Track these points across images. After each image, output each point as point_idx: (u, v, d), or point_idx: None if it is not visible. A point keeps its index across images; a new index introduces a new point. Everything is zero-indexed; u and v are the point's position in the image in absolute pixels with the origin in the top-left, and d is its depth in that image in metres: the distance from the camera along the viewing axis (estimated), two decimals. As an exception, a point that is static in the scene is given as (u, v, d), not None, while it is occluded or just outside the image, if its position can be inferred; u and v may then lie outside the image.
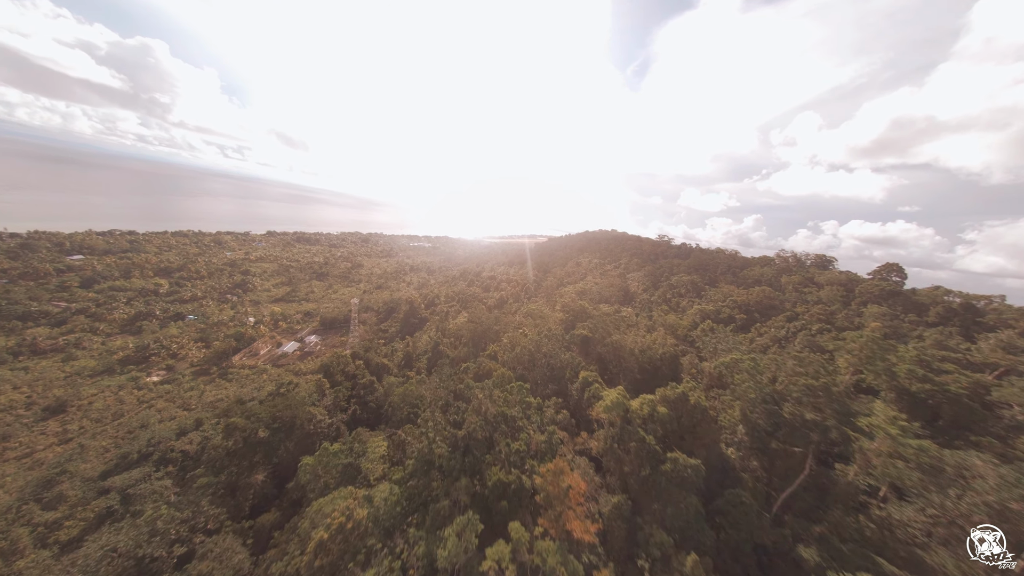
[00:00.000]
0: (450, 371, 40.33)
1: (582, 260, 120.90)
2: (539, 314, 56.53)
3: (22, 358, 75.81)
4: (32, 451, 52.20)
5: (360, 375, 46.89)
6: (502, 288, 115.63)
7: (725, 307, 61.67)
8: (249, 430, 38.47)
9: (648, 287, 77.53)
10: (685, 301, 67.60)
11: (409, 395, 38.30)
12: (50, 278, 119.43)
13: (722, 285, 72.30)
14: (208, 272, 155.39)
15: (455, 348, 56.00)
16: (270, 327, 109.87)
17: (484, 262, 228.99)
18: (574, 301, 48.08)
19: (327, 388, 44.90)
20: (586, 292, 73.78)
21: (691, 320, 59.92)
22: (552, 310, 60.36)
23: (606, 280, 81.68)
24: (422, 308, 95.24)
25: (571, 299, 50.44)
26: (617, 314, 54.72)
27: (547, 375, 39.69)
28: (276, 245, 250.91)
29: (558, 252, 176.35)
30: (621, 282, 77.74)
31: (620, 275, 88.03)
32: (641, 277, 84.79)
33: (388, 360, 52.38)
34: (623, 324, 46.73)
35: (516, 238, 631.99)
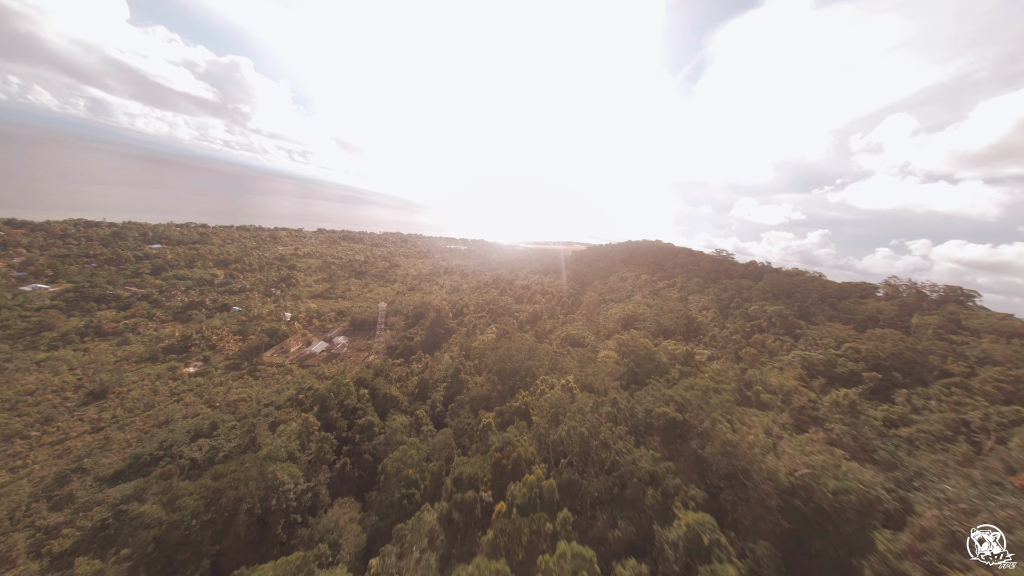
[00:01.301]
0: (467, 419, 32.63)
1: (627, 275, 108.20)
2: (580, 340, 47.04)
3: (87, 339, 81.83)
4: (66, 437, 53.32)
5: (361, 409, 40.88)
6: (536, 300, 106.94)
7: (842, 358, 44.24)
8: (167, 523, 27.87)
9: (717, 316, 63.10)
10: (771, 339, 52.57)
11: (407, 462, 30.12)
12: (129, 265, 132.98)
13: (820, 319, 55.92)
14: (259, 265, 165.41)
15: (477, 376, 48.65)
16: (304, 323, 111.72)
17: (518, 269, 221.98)
18: (632, 338, 37.37)
19: (315, 430, 37.68)
20: (638, 317, 61.63)
21: (797, 376, 43.27)
22: (596, 337, 50.52)
23: (662, 303, 68.58)
24: (449, 318, 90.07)
25: (628, 336, 39.42)
26: (693, 361, 40.20)
27: (610, 489, 23.66)
28: (324, 242, 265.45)
29: (597, 263, 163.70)
30: (682, 307, 64.30)
31: (681, 299, 73.98)
32: (706, 302, 70.19)
33: (399, 389, 45.68)
34: (726, 401, 29.77)
35: (551, 244, 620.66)
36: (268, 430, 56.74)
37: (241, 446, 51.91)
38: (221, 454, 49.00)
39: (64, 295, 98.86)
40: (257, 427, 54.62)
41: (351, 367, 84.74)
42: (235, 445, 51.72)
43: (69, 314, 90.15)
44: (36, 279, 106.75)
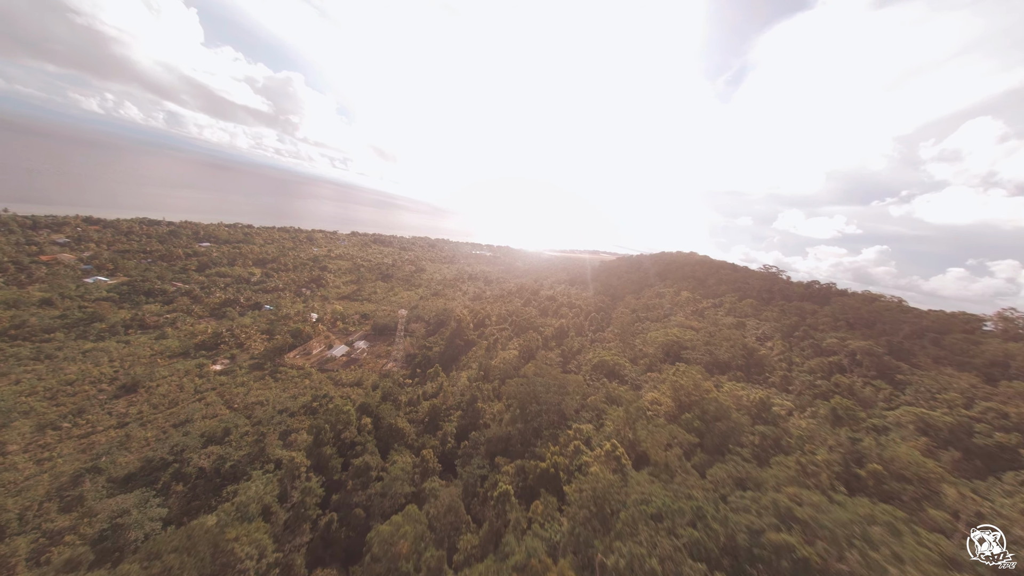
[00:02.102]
0: (480, 468, 27.19)
1: (664, 290, 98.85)
2: (616, 369, 40.07)
3: (131, 331, 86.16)
4: (92, 431, 54.26)
5: (360, 444, 36.60)
6: (562, 313, 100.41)
7: (981, 423, 32.04)
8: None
9: (784, 349, 52.35)
10: (859, 382, 41.88)
11: (395, 539, 24.22)
12: (179, 261, 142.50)
13: (923, 361, 43.65)
14: (293, 265, 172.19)
15: (495, 403, 43.33)
16: (328, 325, 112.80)
17: (543, 278, 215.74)
18: (692, 383, 29.41)
19: (301, 473, 33.03)
20: (683, 344, 52.72)
21: (921, 447, 30.42)
22: (635, 367, 43.11)
23: (711, 328, 58.75)
24: (470, 328, 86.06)
25: (683, 375, 31.24)
26: (771, 414, 30.33)
27: None
28: (356, 244, 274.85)
29: (629, 275, 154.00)
30: (738, 336, 54.10)
31: (736, 324, 63.66)
32: (766, 330, 59.45)
33: (407, 418, 40.62)
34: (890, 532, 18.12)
35: (577, 253, 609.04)
36: (279, 439, 54.86)
37: (250, 455, 50.10)
38: (228, 463, 47.26)
39: (119, 288, 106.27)
40: (267, 436, 52.79)
41: (368, 375, 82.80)
42: (244, 454, 50.00)
43: (120, 306, 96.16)
44: (98, 272, 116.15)
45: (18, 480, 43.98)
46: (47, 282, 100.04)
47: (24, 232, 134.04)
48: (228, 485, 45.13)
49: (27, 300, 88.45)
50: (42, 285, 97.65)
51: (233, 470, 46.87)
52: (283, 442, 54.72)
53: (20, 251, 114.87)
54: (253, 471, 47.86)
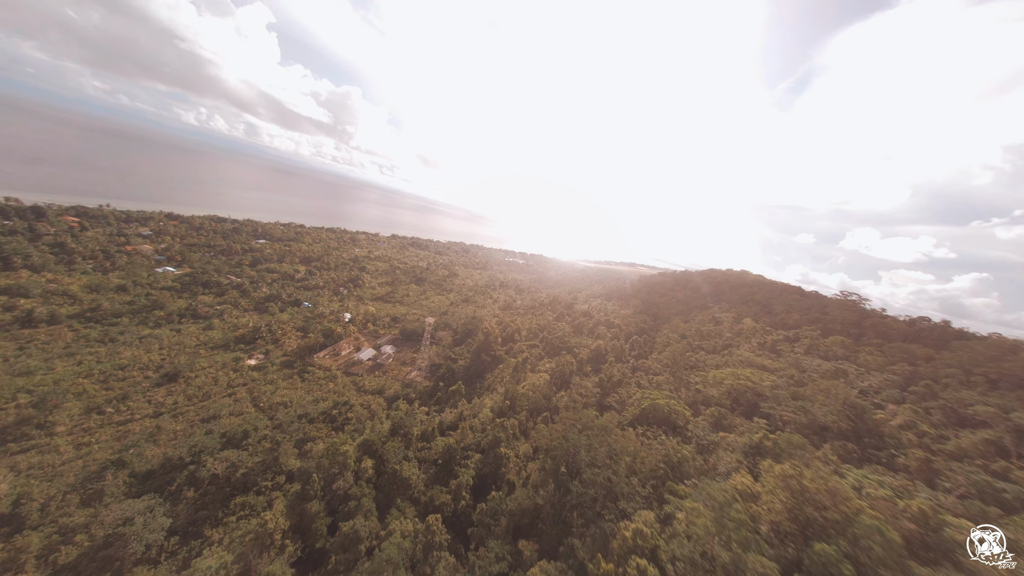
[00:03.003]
0: (498, 560, 20.86)
1: (722, 315, 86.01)
2: (674, 419, 31.66)
3: (184, 320, 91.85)
4: (130, 419, 55.97)
5: (355, 499, 31.15)
6: (599, 333, 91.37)
7: None
8: None
9: (910, 416, 38.88)
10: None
11: None
12: (236, 256, 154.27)
13: None
14: (335, 265, 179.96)
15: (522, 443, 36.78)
16: (359, 326, 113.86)
17: (577, 290, 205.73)
18: (825, 488, 19.25)
19: (275, 540, 26.78)
20: (759, 390, 41.24)
21: None
22: (699, 418, 34.13)
23: (796, 372, 46.19)
24: (498, 343, 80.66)
25: (817, 481, 20.54)
26: (944, 540, 18.39)
27: None
28: (394, 247, 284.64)
29: (674, 293, 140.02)
30: (840, 389, 40.53)
31: (834, 371, 49.60)
32: (876, 383, 45.87)
33: (414, 465, 33.70)
34: None
35: (613, 265, 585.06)
36: (294, 448, 52.68)
37: (264, 463, 48.06)
38: (241, 471, 45.40)
39: (182, 278, 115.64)
40: (283, 444, 50.71)
41: (391, 383, 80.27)
42: (258, 461, 48.09)
43: (180, 296, 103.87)
44: (168, 262, 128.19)
45: (56, 464, 45.36)
46: (125, 270, 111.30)
47: (118, 224, 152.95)
48: (237, 496, 43.13)
49: (106, 285, 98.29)
50: (120, 272, 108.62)
51: (244, 479, 44.97)
52: (299, 451, 52.67)
53: (111, 241, 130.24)
54: (263, 482, 45.73)
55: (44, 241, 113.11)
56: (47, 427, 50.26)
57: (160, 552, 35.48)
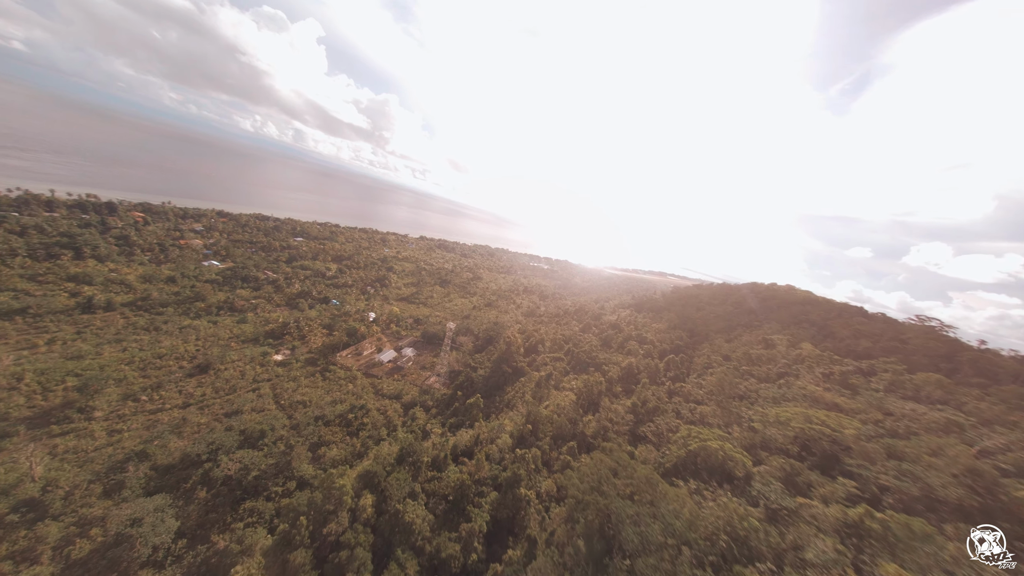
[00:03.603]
0: None
1: (775, 338, 75.65)
2: (731, 468, 25.36)
3: (221, 313, 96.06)
4: (160, 408, 57.59)
5: (347, 548, 27.15)
6: (630, 348, 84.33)
7: None
8: None
9: None
10: None
11: None
12: (275, 252, 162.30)
13: None
14: (365, 264, 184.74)
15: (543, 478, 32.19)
16: (383, 327, 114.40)
17: (604, 299, 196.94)
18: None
19: None
20: (838, 438, 32.42)
21: None
22: (757, 458, 27.14)
23: (887, 419, 35.89)
24: (520, 354, 76.49)
25: None
26: None
27: None
28: (422, 248, 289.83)
29: (713, 307, 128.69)
30: (966, 455, 30.71)
31: (945, 424, 38.66)
32: (1002, 440, 35.28)
33: (420, 505, 29.21)
34: None
35: (641, 273, 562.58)
36: (308, 451, 51.39)
37: (276, 467, 46.91)
38: (252, 474, 44.42)
39: (225, 272, 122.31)
40: (296, 448, 49.49)
41: (409, 388, 78.42)
42: (271, 464, 47.06)
43: (221, 289, 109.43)
44: (214, 257, 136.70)
45: (88, 450, 46.83)
46: (176, 262, 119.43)
47: (175, 220, 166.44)
48: (247, 500, 42.05)
49: (158, 276, 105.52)
50: (171, 265, 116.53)
51: (256, 482, 43.94)
52: (312, 455, 51.44)
53: (167, 235, 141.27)
54: (273, 487, 44.49)
55: (112, 234, 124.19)
56: (87, 411, 52.51)
57: (167, 555, 34.61)
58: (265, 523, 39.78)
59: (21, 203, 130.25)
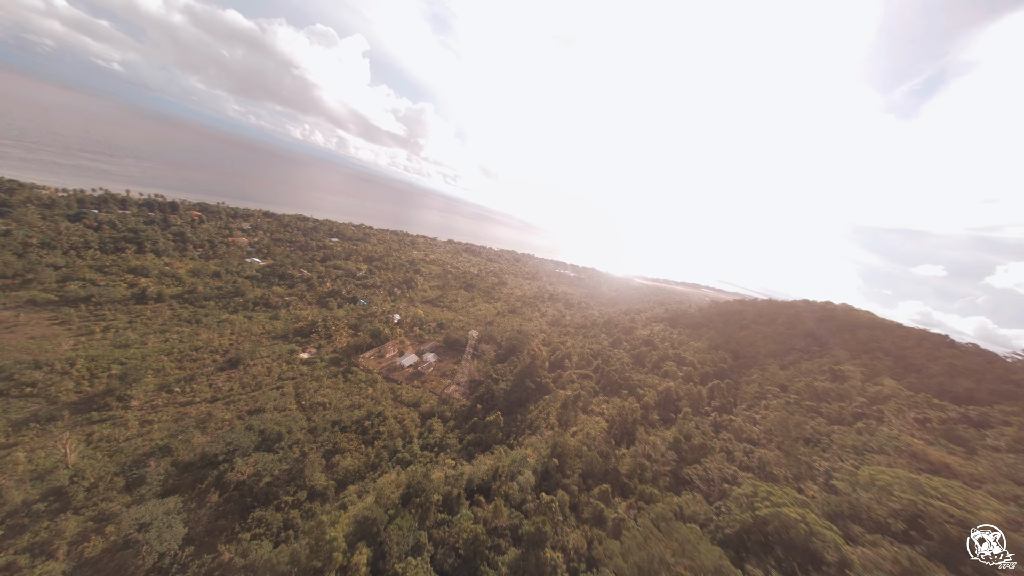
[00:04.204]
0: None
1: (845, 368, 64.51)
2: (813, 546, 19.04)
3: (257, 308, 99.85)
4: (190, 401, 58.92)
5: None
6: (666, 369, 76.12)
7: None
8: None
9: None
10: None
11: None
12: (311, 252, 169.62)
13: None
14: (393, 265, 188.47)
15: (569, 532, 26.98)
16: (406, 329, 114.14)
17: (635, 311, 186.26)
18: None
19: None
20: (965, 519, 23.85)
21: None
22: (849, 532, 20.68)
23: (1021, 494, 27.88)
24: (544, 369, 71.44)
25: None
26: None
27: None
28: (449, 252, 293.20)
29: (760, 327, 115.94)
30: None
31: None
32: None
33: (422, 566, 23.49)
34: None
35: (673, 284, 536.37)
36: (322, 458, 49.72)
37: (289, 474, 45.43)
38: (265, 480, 43.12)
39: (264, 269, 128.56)
40: (310, 455, 47.90)
41: (428, 396, 75.95)
42: (284, 470, 45.67)
43: (259, 285, 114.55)
44: (256, 254, 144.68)
45: (120, 440, 48.09)
46: (222, 259, 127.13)
47: (227, 219, 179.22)
48: (257, 508, 40.64)
49: (205, 271, 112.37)
50: (218, 260, 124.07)
51: (267, 489, 42.58)
52: (326, 462, 49.80)
53: (218, 233, 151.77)
54: (284, 496, 42.89)
55: (171, 230, 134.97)
56: (125, 400, 54.54)
57: (172, 563, 33.50)
58: (271, 536, 38.02)
59: (100, 201, 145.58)
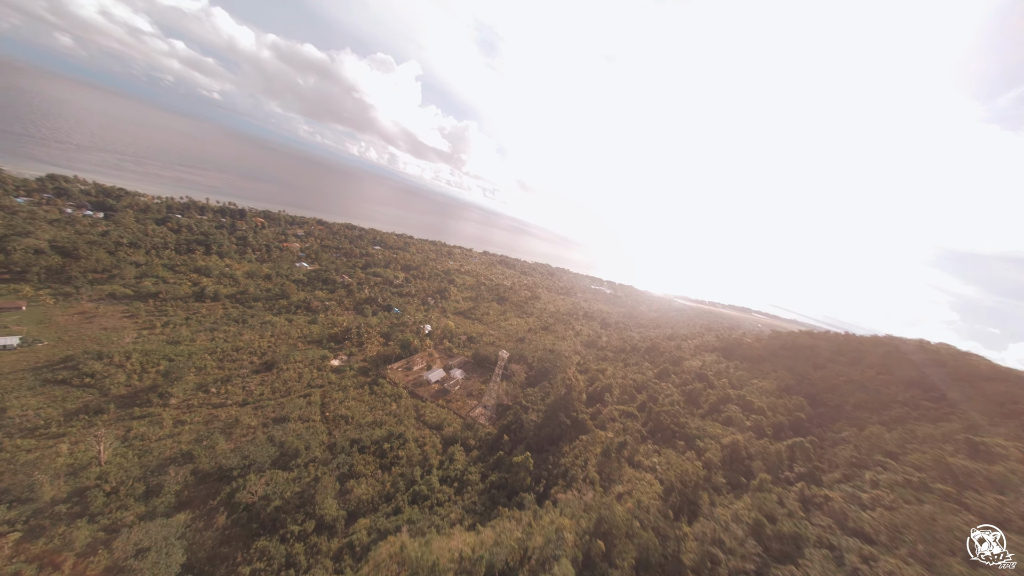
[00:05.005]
0: None
1: (994, 445, 48.20)
2: None
3: (298, 311, 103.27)
4: (223, 404, 59.34)
5: None
6: (729, 415, 63.07)
7: None
8: None
9: None
10: None
11: None
12: (354, 258, 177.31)
13: None
14: (429, 275, 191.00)
15: None
16: (436, 341, 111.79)
17: (681, 336, 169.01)
18: None
19: None
20: None
21: None
22: None
23: None
24: (581, 401, 62.86)
25: None
26: None
27: None
28: (484, 263, 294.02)
29: (842, 369, 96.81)
30: None
31: None
32: None
33: None
34: None
35: (720, 307, 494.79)
36: (336, 482, 46.06)
37: (300, 499, 42.10)
38: (274, 503, 40.09)
39: (310, 273, 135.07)
40: (323, 479, 44.44)
41: (452, 418, 70.90)
42: (296, 493, 42.52)
43: (303, 289, 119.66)
44: (306, 259, 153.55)
45: (152, 439, 48.49)
46: (275, 262, 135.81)
47: (284, 226, 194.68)
48: (261, 537, 37.48)
49: (258, 273, 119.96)
50: (271, 264, 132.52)
51: (274, 516, 39.48)
52: (340, 487, 46.16)
53: (275, 238, 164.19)
54: (291, 525, 39.43)
55: (236, 235, 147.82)
56: (165, 397, 55.99)
57: (168, 594, 30.81)
58: (272, 573, 34.34)
59: (184, 207, 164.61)
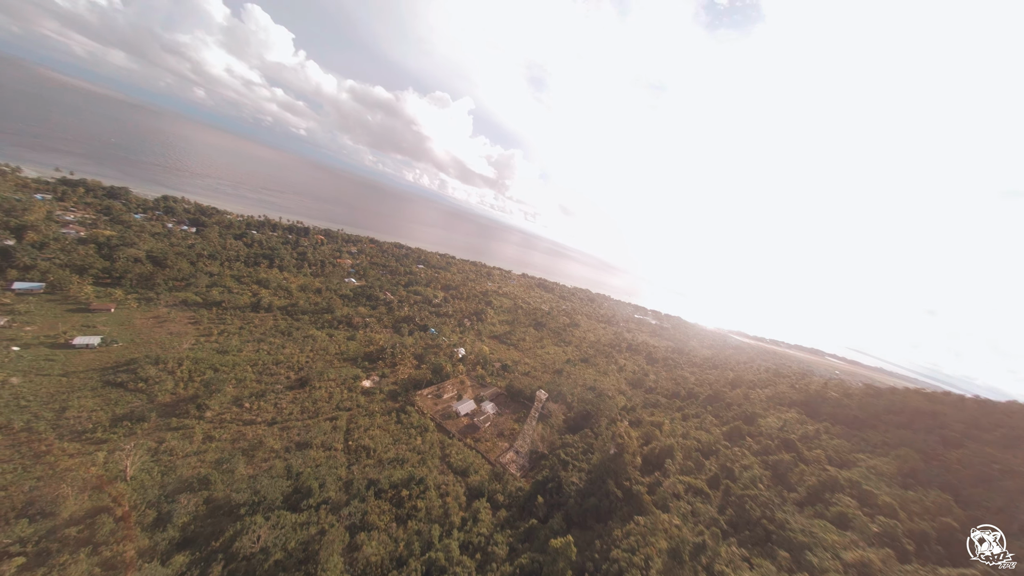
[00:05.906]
0: None
1: None
2: None
3: (340, 327, 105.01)
4: (252, 421, 58.17)
5: None
6: (841, 509, 45.22)
7: None
8: None
9: None
10: None
11: None
12: (398, 276, 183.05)
13: None
14: (467, 295, 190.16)
15: None
16: (469, 367, 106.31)
17: (747, 383, 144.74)
18: None
19: None
20: None
21: None
22: None
23: None
24: (635, 467, 50.46)
25: None
26: None
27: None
28: (522, 286, 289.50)
29: (992, 453, 71.49)
30: None
31: None
32: None
33: None
34: None
35: (784, 347, 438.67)
36: (345, 532, 40.19)
37: (304, 552, 36.75)
38: (273, 558, 35.09)
39: (356, 289, 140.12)
40: (330, 532, 38.85)
41: (480, 463, 62.81)
42: (299, 545, 37.31)
43: (347, 304, 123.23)
44: (355, 275, 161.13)
45: (180, 454, 47.50)
46: (327, 277, 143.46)
47: (340, 243, 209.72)
48: (254, 599, 32.38)
49: (310, 287, 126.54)
50: (323, 278, 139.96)
51: (272, 571, 34.36)
52: (349, 540, 40.26)
53: (331, 254, 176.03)
54: (288, 588, 33.89)
55: (298, 250, 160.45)
56: (202, 409, 56.11)
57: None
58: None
59: (260, 224, 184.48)
